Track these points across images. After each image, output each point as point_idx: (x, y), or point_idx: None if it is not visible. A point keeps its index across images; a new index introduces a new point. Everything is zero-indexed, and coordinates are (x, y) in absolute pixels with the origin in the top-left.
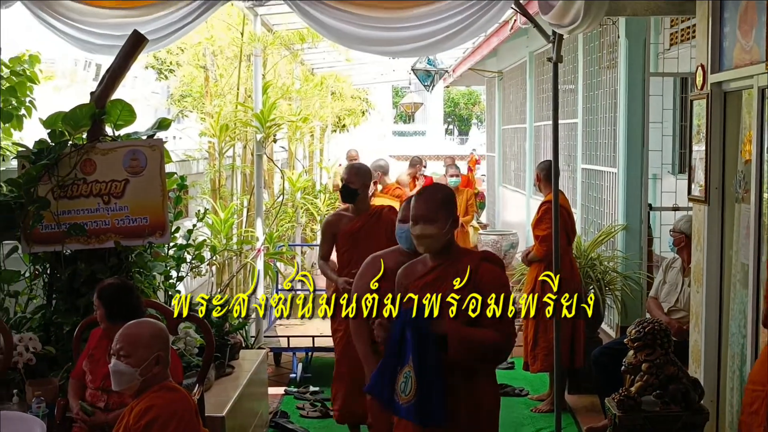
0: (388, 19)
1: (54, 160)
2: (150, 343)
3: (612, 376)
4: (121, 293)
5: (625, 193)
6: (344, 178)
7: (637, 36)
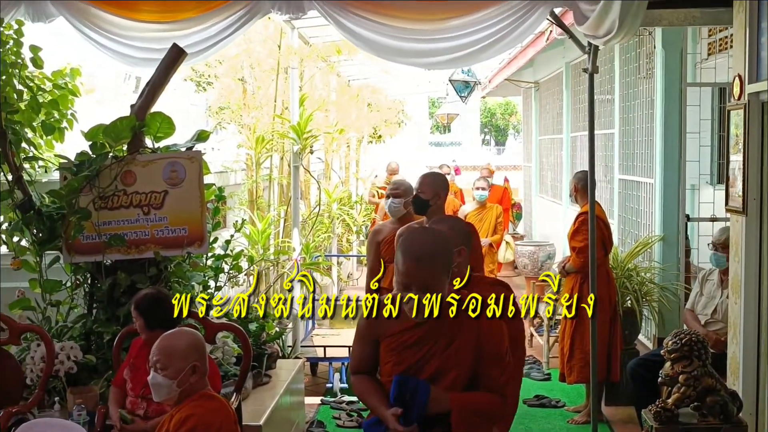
0: (423, 31)
1: (95, 171)
2: (186, 354)
3: (649, 387)
4: (156, 303)
5: (663, 203)
6: (416, 188)
7: (673, 46)
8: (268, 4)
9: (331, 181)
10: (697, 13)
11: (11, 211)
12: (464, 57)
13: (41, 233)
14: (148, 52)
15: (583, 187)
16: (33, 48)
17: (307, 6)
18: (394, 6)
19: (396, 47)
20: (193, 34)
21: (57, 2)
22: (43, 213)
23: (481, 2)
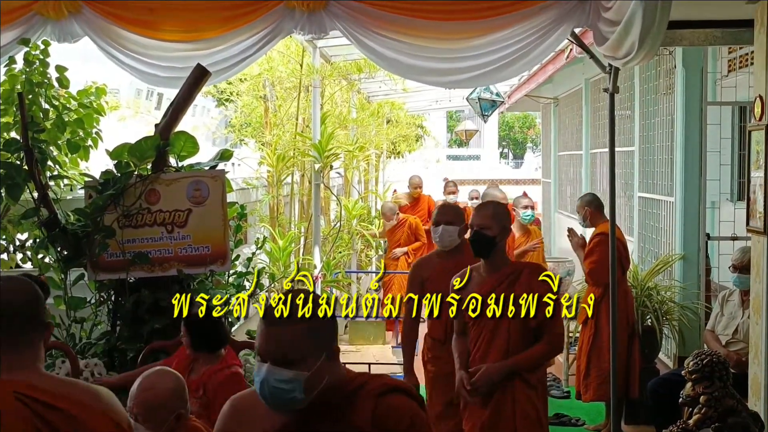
0: (444, 50)
1: (120, 190)
2: (167, 405)
3: (669, 407)
4: (205, 326)
5: (683, 222)
6: (475, 223)
7: (694, 65)
8: (290, 24)
9: (350, 197)
10: (718, 33)
11: (37, 229)
12: (484, 75)
13: (66, 251)
14: (172, 71)
15: (595, 209)
16: (59, 68)
17: (329, 26)
18: (416, 26)
19: (417, 66)
20: (216, 53)
21: (82, 22)
22: (68, 231)
23: (502, 23)
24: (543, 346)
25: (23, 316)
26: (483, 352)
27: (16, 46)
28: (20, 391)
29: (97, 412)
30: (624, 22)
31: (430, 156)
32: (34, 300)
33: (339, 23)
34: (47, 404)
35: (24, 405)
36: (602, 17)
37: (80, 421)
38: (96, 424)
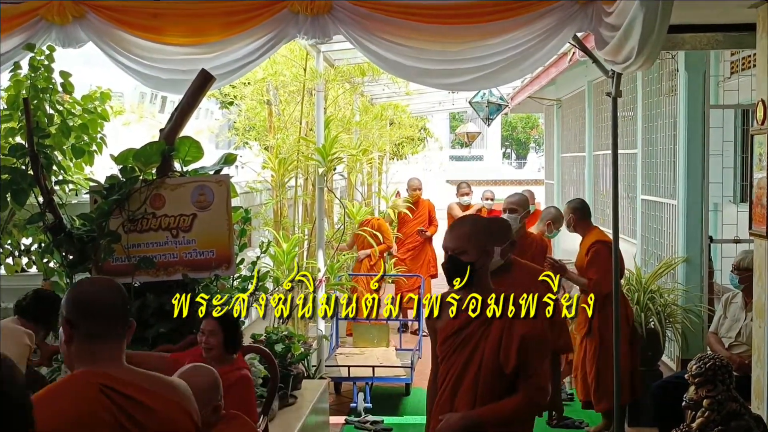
0: (447, 53)
1: (125, 195)
2: (207, 398)
3: (672, 409)
4: (236, 326)
5: (686, 224)
6: (448, 246)
7: (696, 68)
8: (294, 28)
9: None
10: (720, 37)
11: (42, 233)
12: (486, 78)
13: (71, 255)
14: (175, 74)
15: (581, 216)
16: (63, 73)
17: (332, 30)
18: (419, 29)
19: (420, 69)
20: (219, 57)
21: (86, 27)
22: (73, 235)
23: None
24: (519, 399)
25: (116, 312)
26: (447, 397)
27: (21, 51)
28: (105, 383)
29: (174, 404)
30: (624, 26)
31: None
32: (124, 298)
33: (342, 28)
34: (130, 397)
35: (107, 398)
36: (604, 22)
37: (159, 414)
38: (173, 416)
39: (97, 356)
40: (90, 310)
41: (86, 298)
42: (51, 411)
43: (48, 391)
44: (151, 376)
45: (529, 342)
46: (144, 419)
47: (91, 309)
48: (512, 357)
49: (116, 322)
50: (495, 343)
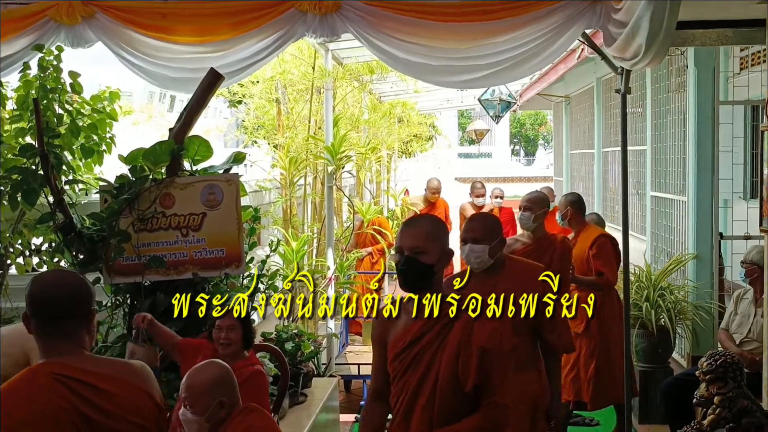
0: (456, 50)
1: (135, 194)
2: (211, 391)
3: (682, 407)
4: (251, 323)
5: (696, 221)
6: (405, 245)
7: (706, 64)
8: (302, 27)
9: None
10: (730, 33)
11: (52, 233)
12: (495, 75)
13: (82, 255)
14: (184, 72)
15: (578, 210)
16: (72, 74)
17: (341, 28)
18: (428, 27)
19: (429, 66)
20: (227, 56)
21: (95, 27)
22: (83, 235)
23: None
24: (477, 420)
25: (62, 307)
26: (400, 421)
27: (30, 51)
28: (61, 373)
29: (134, 387)
30: (631, 24)
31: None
32: (73, 291)
33: (351, 26)
34: (89, 384)
35: (63, 385)
36: (612, 19)
37: (120, 398)
38: (134, 399)
39: (52, 349)
40: (36, 307)
41: (33, 295)
42: (8, 406)
43: (5, 387)
44: (111, 362)
45: (489, 355)
46: (105, 404)
47: (38, 305)
48: (472, 373)
49: (65, 316)
50: (452, 356)
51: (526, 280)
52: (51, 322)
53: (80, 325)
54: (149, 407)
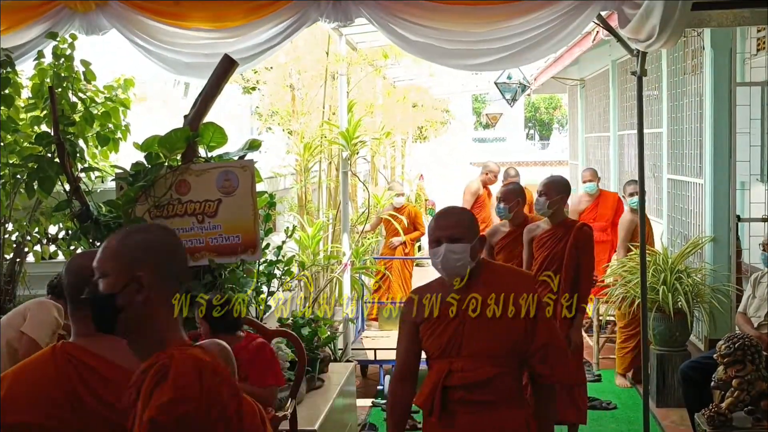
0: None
1: (150, 181)
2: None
3: (700, 390)
4: (220, 309)
5: (713, 204)
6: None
7: (722, 45)
8: (316, 12)
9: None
10: (747, 14)
11: (69, 221)
12: (510, 58)
13: (98, 242)
14: (198, 57)
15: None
16: (84, 62)
17: (354, 13)
18: (441, 10)
19: (443, 50)
20: (241, 41)
21: (109, 15)
22: (100, 222)
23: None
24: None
25: (74, 291)
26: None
27: (44, 40)
28: (72, 353)
29: (130, 374)
30: (646, 4)
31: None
32: (84, 276)
33: (364, 10)
34: (91, 368)
35: (71, 366)
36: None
37: (114, 384)
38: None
39: (79, 330)
40: (61, 289)
41: (63, 278)
42: (21, 378)
43: (29, 360)
44: (120, 347)
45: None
46: (102, 392)
47: (61, 288)
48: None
49: (79, 299)
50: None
51: (507, 293)
52: (74, 304)
53: None
54: None
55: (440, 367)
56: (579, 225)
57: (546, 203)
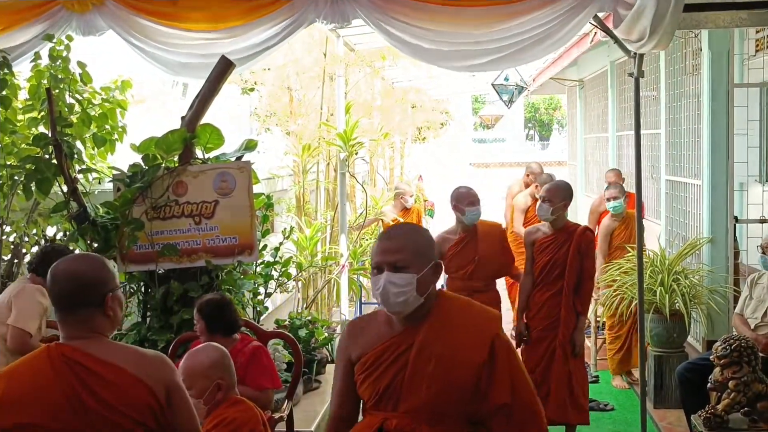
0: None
1: (148, 183)
2: (208, 374)
3: (697, 391)
4: (219, 308)
5: (710, 205)
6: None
7: (720, 47)
8: (313, 13)
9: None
10: (744, 15)
11: (67, 222)
12: (506, 59)
13: (96, 243)
14: (195, 58)
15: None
16: (80, 64)
17: (351, 14)
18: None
19: (439, 51)
20: (238, 42)
21: (106, 15)
22: (97, 223)
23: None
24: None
25: (63, 297)
26: None
27: (40, 41)
28: (68, 355)
29: (135, 380)
30: (638, 4)
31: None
32: (83, 284)
33: (361, 11)
34: (89, 369)
35: (68, 368)
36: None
37: (114, 386)
38: (130, 391)
39: (69, 334)
40: (51, 297)
41: (48, 285)
42: (14, 379)
43: (20, 361)
44: (123, 351)
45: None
46: (102, 393)
47: (51, 296)
48: None
49: (77, 305)
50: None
51: (463, 335)
52: (64, 311)
53: (95, 311)
54: (148, 403)
55: (371, 422)
56: (581, 230)
57: (550, 210)
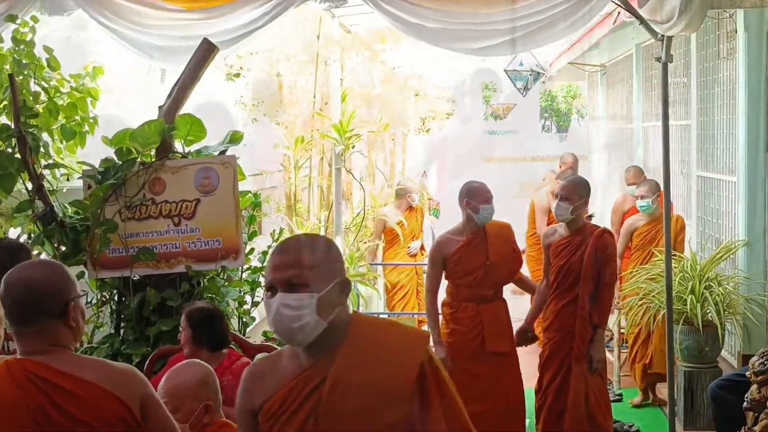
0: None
1: (121, 179)
2: (197, 394)
3: (732, 411)
4: (210, 320)
5: (747, 204)
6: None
7: (757, 28)
8: None
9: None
10: None
11: (32, 223)
12: (518, 40)
13: (64, 246)
14: (172, 40)
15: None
16: (46, 48)
17: None
18: None
19: (445, 32)
20: (221, 23)
21: None
22: (65, 225)
23: None
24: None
25: (18, 308)
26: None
27: (2, 23)
28: (31, 370)
29: (106, 394)
30: None
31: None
32: (42, 294)
33: None
34: (55, 385)
35: (32, 384)
36: None
37: (85, 400)
38: (100, 403)
39: (27, 348)
40: (5, 309)
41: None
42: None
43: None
44: (92, 365)
45: None
46: (71, 408)
47: (5, 308)
48: None
49: (35, 317)
50: None
51: (384, 366)
52: (20, 323)
53: (55, 323)
54: (122, 416)
55: None
56: (599, 232)
57: (569, 209)
